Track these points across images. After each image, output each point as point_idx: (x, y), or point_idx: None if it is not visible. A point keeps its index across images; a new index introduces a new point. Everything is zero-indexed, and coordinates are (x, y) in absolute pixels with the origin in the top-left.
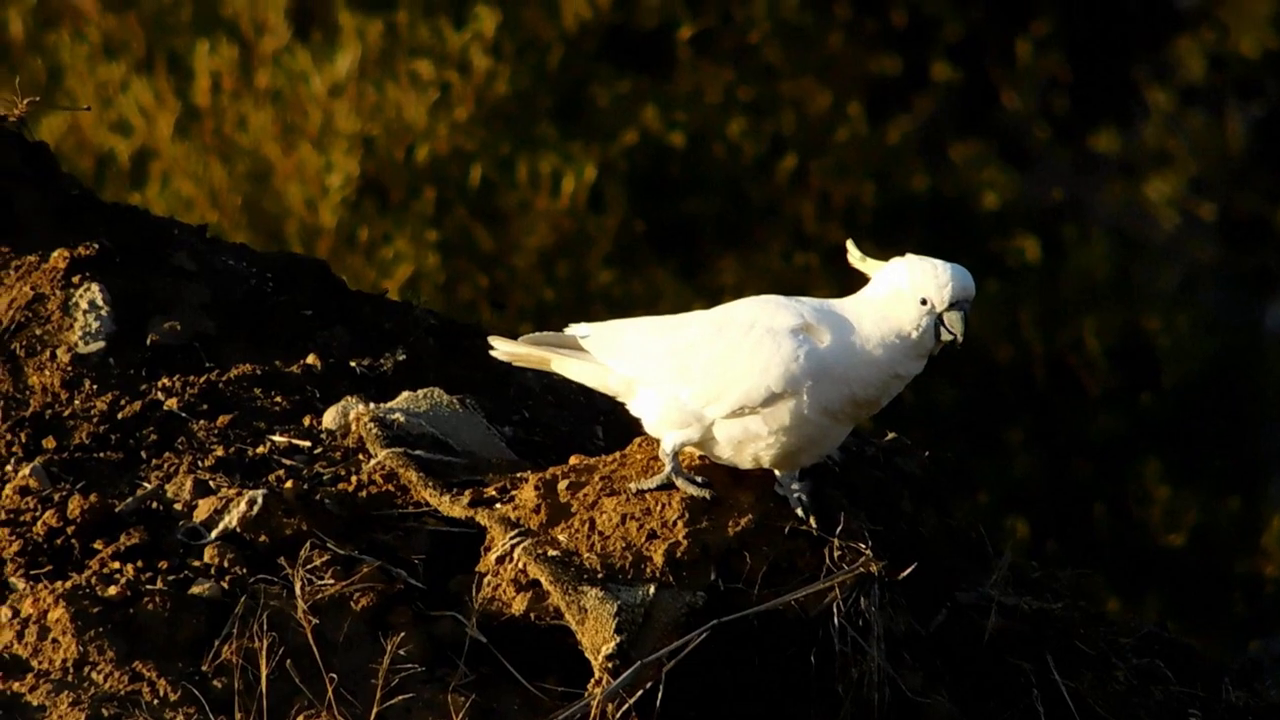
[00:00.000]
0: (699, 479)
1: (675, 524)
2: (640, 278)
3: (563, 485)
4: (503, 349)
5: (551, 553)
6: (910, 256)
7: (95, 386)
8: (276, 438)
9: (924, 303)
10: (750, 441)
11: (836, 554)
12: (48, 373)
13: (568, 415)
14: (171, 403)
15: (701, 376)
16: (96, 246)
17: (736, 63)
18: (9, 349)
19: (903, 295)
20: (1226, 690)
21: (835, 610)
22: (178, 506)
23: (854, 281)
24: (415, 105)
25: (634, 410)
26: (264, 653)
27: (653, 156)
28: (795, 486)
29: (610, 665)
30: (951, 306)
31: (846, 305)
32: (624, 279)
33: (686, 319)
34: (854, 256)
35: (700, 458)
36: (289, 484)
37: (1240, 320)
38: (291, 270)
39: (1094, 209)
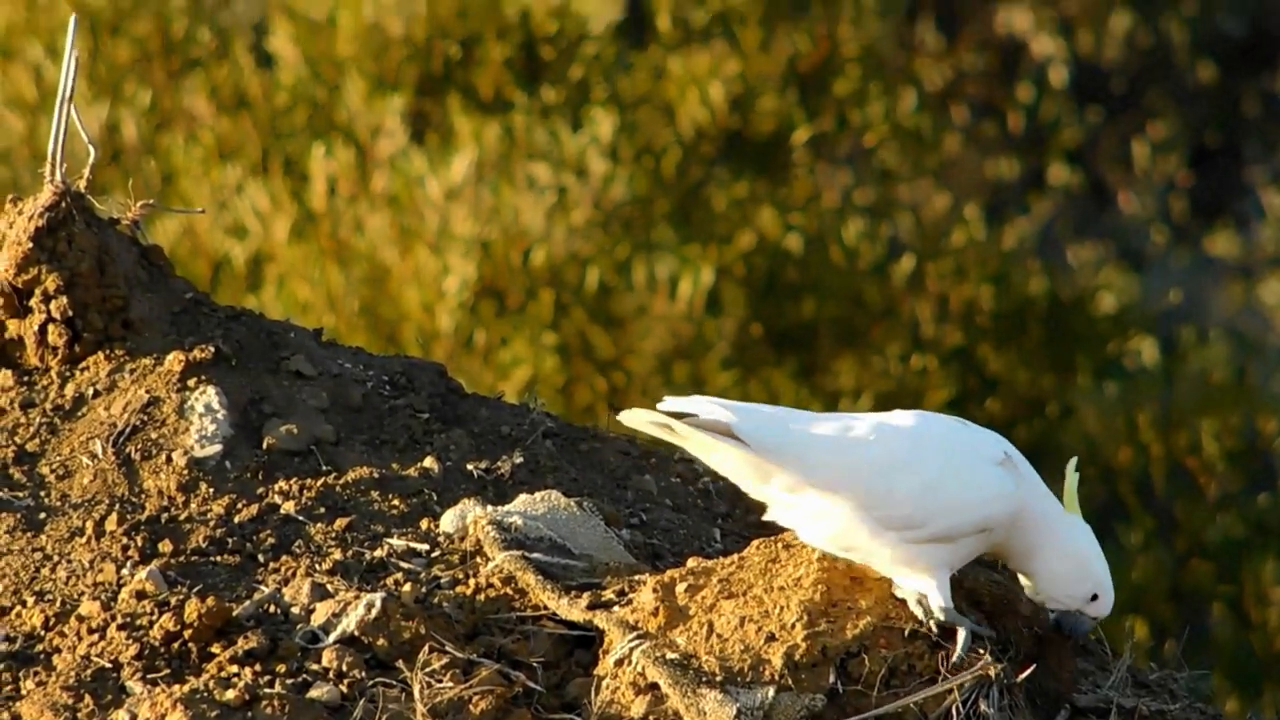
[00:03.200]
0: (973, 616)
1: (794, 626)
2: (758, 380)
3: (681, 588)
4: (631, 422)
5: (670, 655)
6: (1103, 574)
7: (211, 490)
8: (394, 541)
9: (1094, 598)
10: (917, 560)
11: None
12: (163, 476)
13: (685, 518)
14: (289, 506)
15: (903, 499)
16: (212, 350)
17: (853, 166)
18: (124, 453)
19: (1083, 571)
20: None
21: (955, 713)
22: (295, 610)
23: (967, 383)
24: (532, 209)
25: (784, 517)
26: None
27: (770, 259)
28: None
29: None
30: (1093, 608)
31: (1052, 504)
32: (741, 381)
33: (860, 428)
34: (1072, 474)
35: (820, 556)
36: (407, 587)
37: None
38: (409, 374)
39: (1211, 311)
